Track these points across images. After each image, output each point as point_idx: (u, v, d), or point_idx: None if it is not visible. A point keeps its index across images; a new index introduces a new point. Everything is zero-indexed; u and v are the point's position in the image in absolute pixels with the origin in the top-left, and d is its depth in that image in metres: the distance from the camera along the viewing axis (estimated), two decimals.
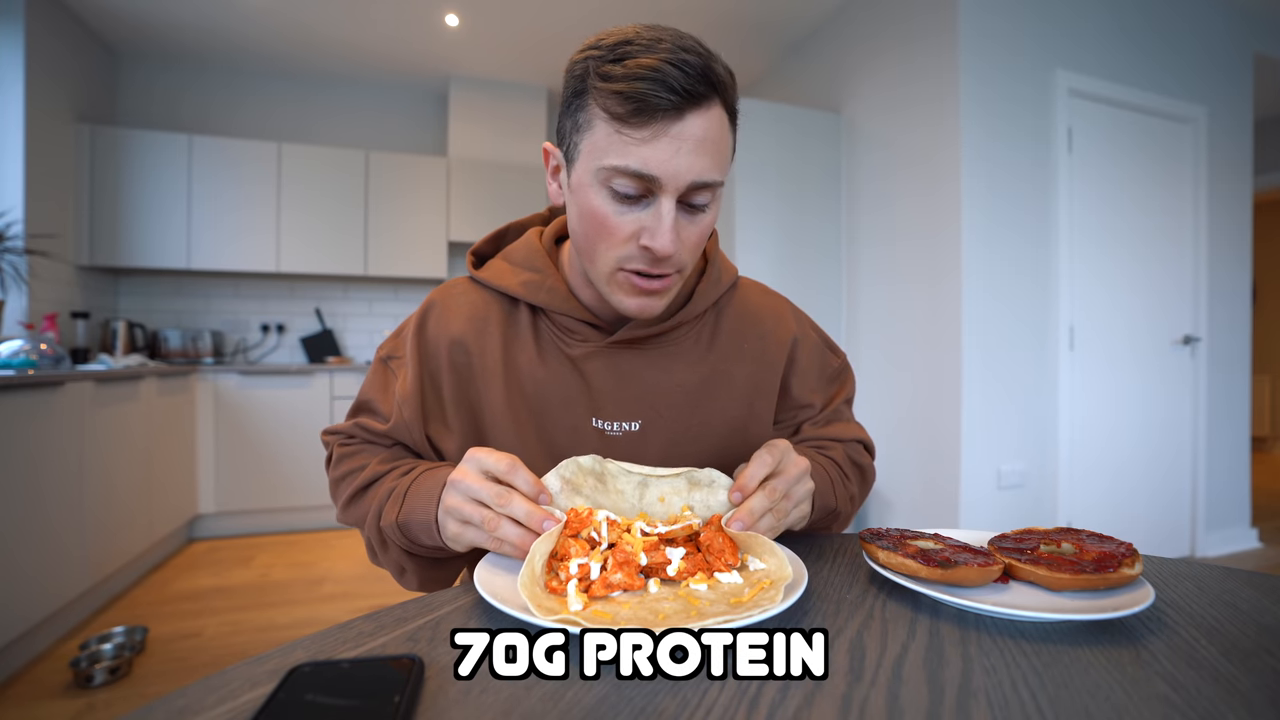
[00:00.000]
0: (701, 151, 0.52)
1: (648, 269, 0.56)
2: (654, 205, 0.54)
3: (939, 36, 2.37)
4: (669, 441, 0.66)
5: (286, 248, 3.37)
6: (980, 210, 2.30)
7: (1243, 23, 2.87)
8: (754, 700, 0.33)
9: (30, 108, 2.69)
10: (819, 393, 0.75)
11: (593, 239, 0.57)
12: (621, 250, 0.56)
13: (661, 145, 0.51)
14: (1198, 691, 0.34)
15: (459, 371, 0.66)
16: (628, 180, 0.52)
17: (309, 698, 0.32)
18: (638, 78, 0.50)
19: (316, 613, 2.15)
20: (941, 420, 2.36)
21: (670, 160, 0.51)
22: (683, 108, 0.51)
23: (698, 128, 0.52)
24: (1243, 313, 2.90)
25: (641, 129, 0.51)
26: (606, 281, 0.58)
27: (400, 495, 0.59)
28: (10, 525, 1.65)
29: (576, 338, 0.66)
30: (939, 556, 0.49)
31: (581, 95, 0.54)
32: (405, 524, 0.58)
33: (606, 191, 0.54)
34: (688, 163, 0.52)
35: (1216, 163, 2.79)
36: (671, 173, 0.52)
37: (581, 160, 0.55)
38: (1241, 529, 2.89)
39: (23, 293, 2.62)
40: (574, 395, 0.65)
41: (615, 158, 0.52)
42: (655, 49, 0.51)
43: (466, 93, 3.78)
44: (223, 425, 3.01)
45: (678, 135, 0.51)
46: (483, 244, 0.71)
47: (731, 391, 0.69)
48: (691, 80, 0.50)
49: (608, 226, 0.55)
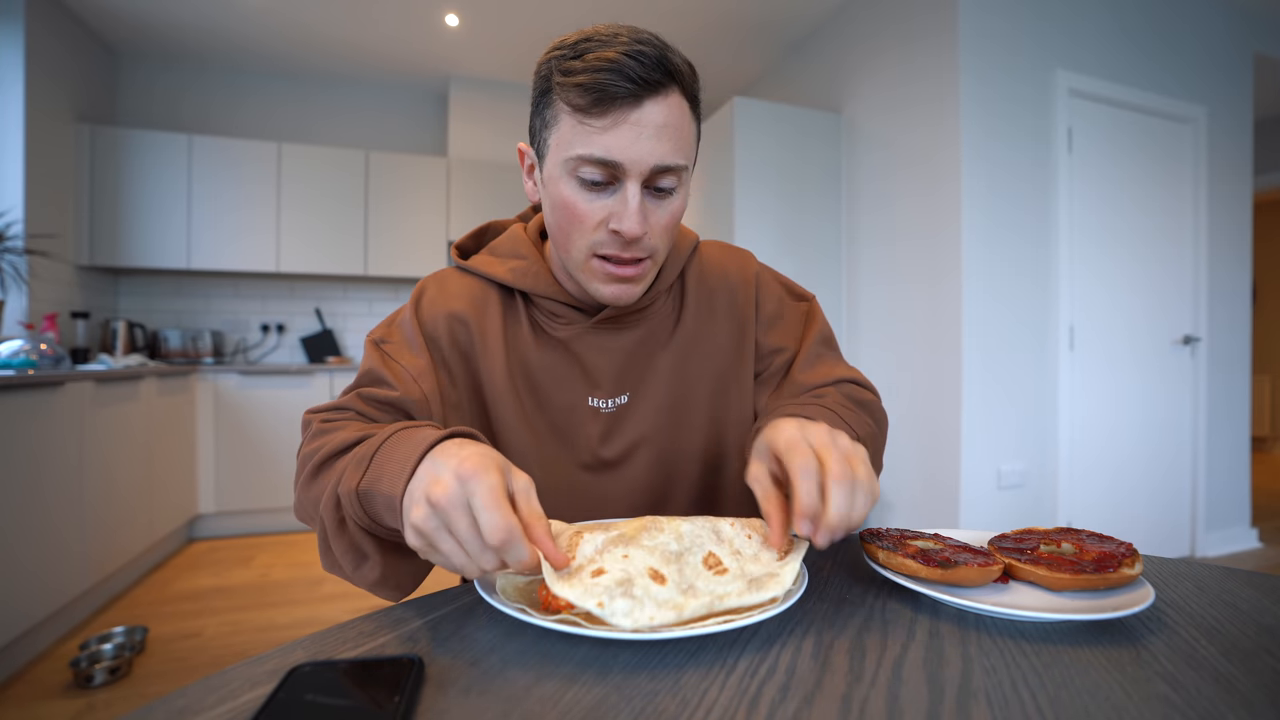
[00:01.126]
0: (662, 137, 0.54)
1: (619, 253, 0.58)
2: (620, 191, 0.56)
3: (939, 36, 2.37)
4: (656, 409, 0.68)
5: (286, 248, 3.37)
6: (980, 210, 2.30)
7: (1243, 22, 2.87)
8: (754, 700, 0.33)
9: (30, 108, 2.69)
10: (790, 335, 0.74)
11: (565, 228, 0.59)
12: (593, 236, 0.58)
13: (622, 132, 0.53)
14: (1198, 691, 0.34)
15: (460, 347, 0.66)
16: (593, 168, 0.55)
17: (309, 698, 0.32)
18: (596, 69, 0.52)
19: (316, 613, 2.15)
20: (941, 420, 2.36)
21: (631, 146, 0.54)
22: (640, 95, 0.53)
23: (657, 114, 0.54)
24: (1243, 313, 2.90)
25: (602, 118, 0.53)
26: (582, 269, 0.60)
27: (365, 459, 0.47)
28: (10, 525, 1.65)
29: (562, 321, 0.67)
30: (939, 556, 0.49)
31: (547, 94, 0.57)
32: (366, 493, 0.46)
33: (575, 181, 0.56)
34: (649, 147, 0.54)
35: (1216, 163, 2.79)
36: (634, 158, 0.54)
37: (550, 154, 0.58)
38: (1241, 529, 2.89)
39: (23, 293, 2.62)
40: (569, 375, 0.67)
41: (580, 147, 0.54)
42: (612, 43, 0.54)
43: (466, 93, 3.78)
44: (223, 425, 3.01)
45: (637, 122, 0.53)
46: (466, 239, 0.73)
47: (712, 351, 0.71)
48: (647, 69, 0.53)
49: (578, 214, 0.57)
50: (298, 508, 0.57)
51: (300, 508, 0.56)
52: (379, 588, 0.51)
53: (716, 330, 0.71)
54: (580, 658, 0.38)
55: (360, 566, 0.50)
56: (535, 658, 0.38)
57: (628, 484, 0.68)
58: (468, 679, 0.36)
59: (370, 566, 0.50)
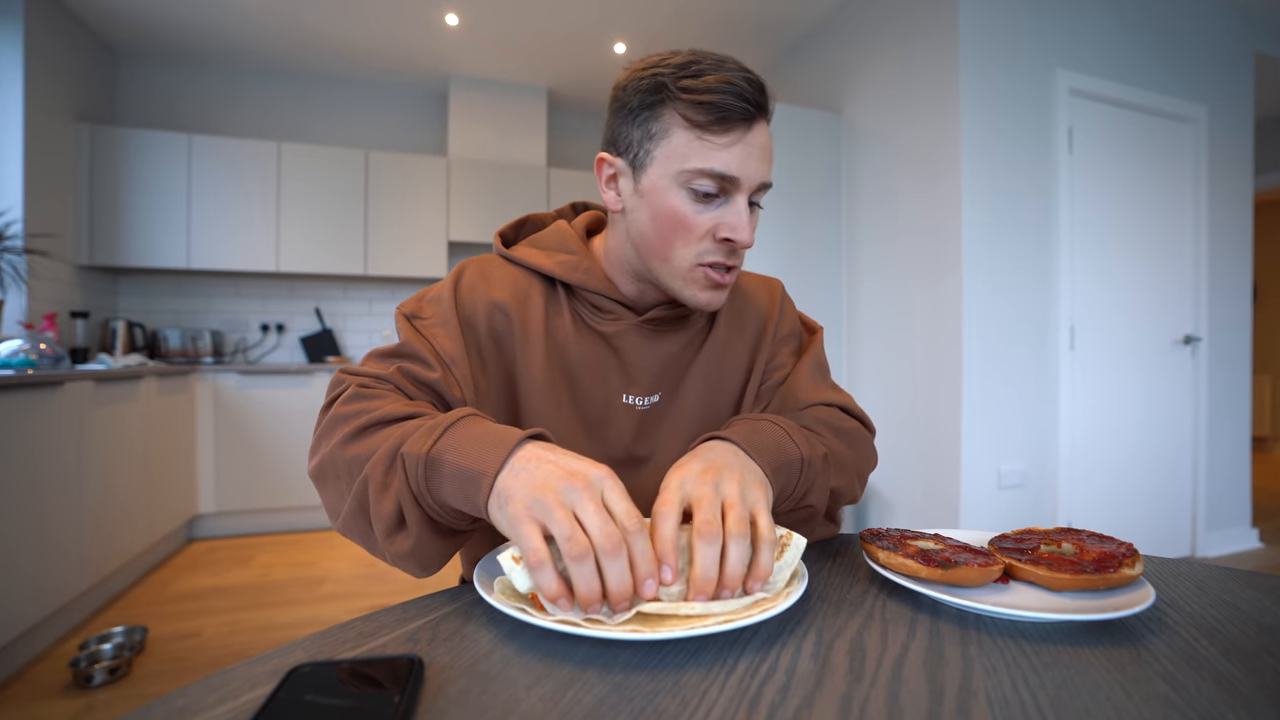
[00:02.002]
0: (765, 156, 0.60)
1: (724, 260, 0.62)
2: (729, 203, 0.60)
3: (939, 35, 2.37)
4: (681, 410, 0.71)
5: (286, 247, 3.37)
6: (981, 210, 2.30)
7: (1244, 22, 2.87)
8: (754, 700, 0.33)
9: (30, 107, 2.69)
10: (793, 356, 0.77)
11: (669, 238, 0.61)
12: (699, 246, 0.61)
13: (738, 150, 0.58)
14: (1198, 692, 0.34)
15: (497, 336, 0.67)
16: (710, 180, 0.58)
17: (309, 698, 0.32)
18: (719, 90, 0.57)
19: (316, 613, 2.15)
20: (942, 420, 2.36)
21: (745, 163, 0.59)
22: (752, 118, 0.59)
23: (762, 136, 0.60)
24: (1243, 312, 2.90)
25: (723, 135, 0.58)
26: (682, 278, 0.63)
27: (440, 428, 0.48)
28: (9, 525, 1.65)
29: (609, 316, 0.69)
30: (939, 557, 0.49)
31: (654, 106, 0.59)
32: (437, 459, 0.46)
33: (686, 192, 0.59)
34: (756, 166, 0.59)
35: (1217, 162, 2.79)
36: (748, 174, 0.59)
37: (656, 165, 0.60)
38: (1242, 529, 2.90)
39: (22, 292, 2.62)
40: (608, 370, 0.69)
41: (698, 161, 0.58)
42: (723, 68, 0.58)
43: (466, 92, 3.77)
44: (222, 425, 3.01)
45: (750, 141, 0.59)
46: (507, 229, 0.75)
47: (737, 363, 0.74)
48: (759, 94, 0.59)
49: (687, 224, 0.60)
50: (324, 464, 0.54)
51: (329, 465, 0.54)
52: (405, 560, 0.50)
53: (743, 344, 0.75)
54: (580, 658, 0.38)
55: (394, 534, 0.49)
56: (535, 658, 0.38)
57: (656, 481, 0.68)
58: (468, 679, 0.36)
59: (404, 536, 0.49)
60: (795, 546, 0.48)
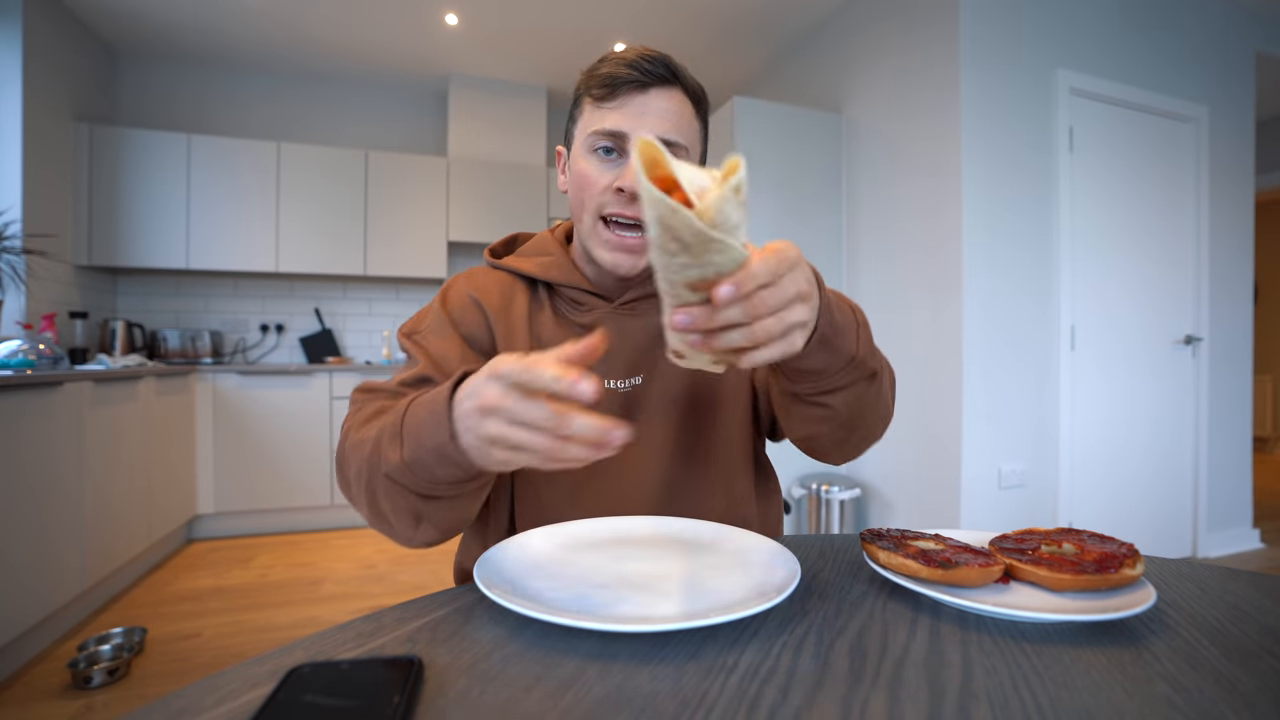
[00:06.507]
0: (663, 116, 0.65)
1: (621, 211, 0.66)
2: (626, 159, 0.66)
3: (939, 34, 2.37)
4: (665, 389, 0.73)
5: (286, 247, 3.37)
6: (981, 209, 2.30)
7: (1245, 21, 2.87)
8: (754, 700, 0.33)
9: (29, 107, 2.68)
10: None
11: (580, 197, 0.69)
12: (601, 198, 0.67)
13: (629, 110, 0.65)
14: (1199, 692, 0.34)
15: (482, 328, 0.72)
16: (604, 138, 0.66)
17: (308, 698, 0.32)
18: (611, 64, 0.66)
19: (316, 613, 2.14)
20: (942, 420, 2.36)
21: (634, 119, 0.65)
22: (646, 85, 0.65)
23: (660, 100, 0.66)
24: (1244, 312, 2.90)
25: (613, 100, 0.66)
26: (590, 237, 0.69)
27: (396, 431, 0.50)
28: (8, 526, 1.65)
29: (585, 308, 0.74)
30: (940, 557, 0.49)
31: (577, 98, 0.70)
32: (413, 462, 0.48)
33: (591, 155, 0.67)
34: (650, 122, 0.65)
35: (1218, 162, 2.79)
36: (635, 128, 0.65)
37: (575, 141, 0.70)
38: (1243, 529, 2.89)
39: (21, 292, 2.62)
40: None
41: (594, 125, 0.66)
42: (628, 54, 0.66)
43: (466, 92, 3.77)
44: (222, 425, 3.01)
45: (642, 104, 0.65)
46: (498, 245, 0.82)
47: None
48: (654, 65, 0.65)
49: (589, 179, 0.67)
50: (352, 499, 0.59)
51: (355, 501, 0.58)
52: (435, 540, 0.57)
53: None
54: (580, 657, 0.38)
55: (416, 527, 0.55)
56: (535, 657, 0.38)
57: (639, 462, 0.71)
58: (468, 679, 0.36)
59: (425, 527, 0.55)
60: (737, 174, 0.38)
